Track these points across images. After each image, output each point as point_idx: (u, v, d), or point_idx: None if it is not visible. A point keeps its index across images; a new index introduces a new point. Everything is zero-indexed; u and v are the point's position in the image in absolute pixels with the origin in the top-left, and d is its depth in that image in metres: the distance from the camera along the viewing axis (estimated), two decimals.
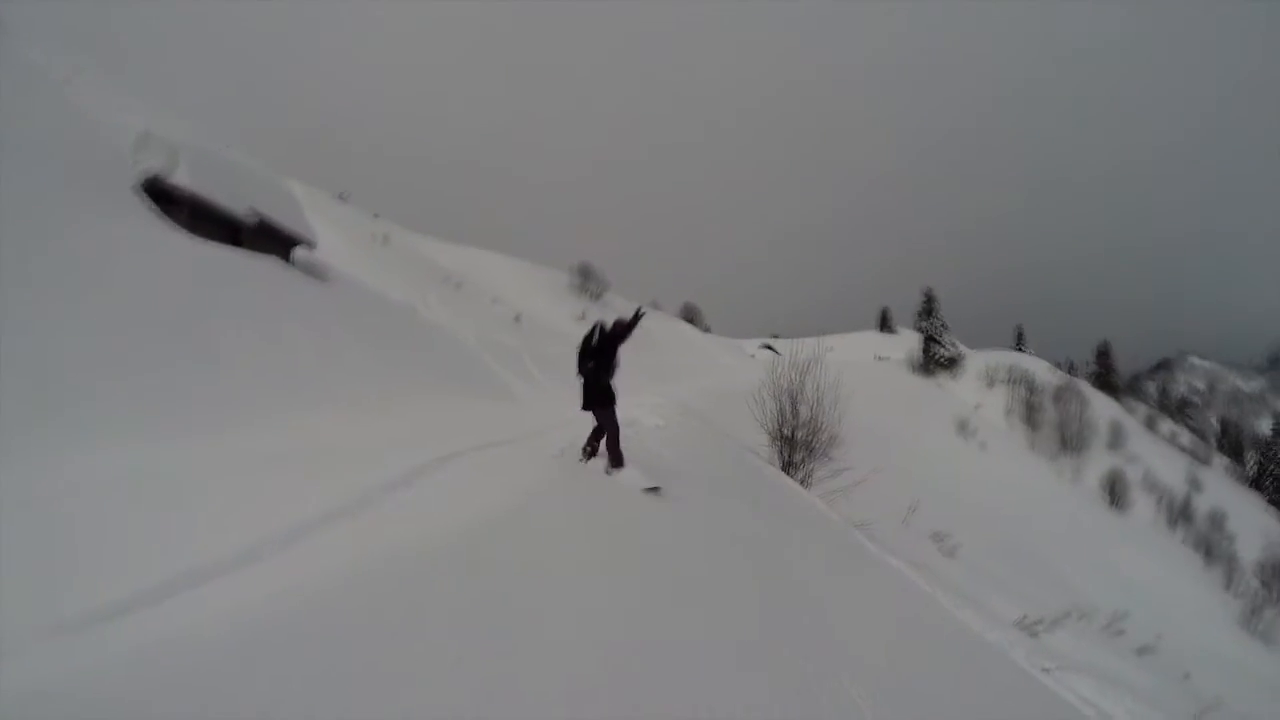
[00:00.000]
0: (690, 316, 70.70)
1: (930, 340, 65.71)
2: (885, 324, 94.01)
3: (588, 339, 8.10)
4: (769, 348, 56.88)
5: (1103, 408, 55.26)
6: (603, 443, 8.16)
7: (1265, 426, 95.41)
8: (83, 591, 3.32)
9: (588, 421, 8.42)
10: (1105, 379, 78.16)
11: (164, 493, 5.25)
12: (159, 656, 2.72)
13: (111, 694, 2.44)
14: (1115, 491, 38.77)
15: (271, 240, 14.48)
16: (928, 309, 68.68)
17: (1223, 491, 50.66)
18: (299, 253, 15.64)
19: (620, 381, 8.27)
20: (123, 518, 4.63)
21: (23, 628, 2.89)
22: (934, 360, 63.43)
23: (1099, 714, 9.33)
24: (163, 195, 12.06)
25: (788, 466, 14.82)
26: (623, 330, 8.18)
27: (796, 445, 14.96)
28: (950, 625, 9.90)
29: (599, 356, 8.06)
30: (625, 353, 8.30)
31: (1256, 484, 63.30)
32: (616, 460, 7.90)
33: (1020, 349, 79.45)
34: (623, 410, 8.33)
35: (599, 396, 8.02)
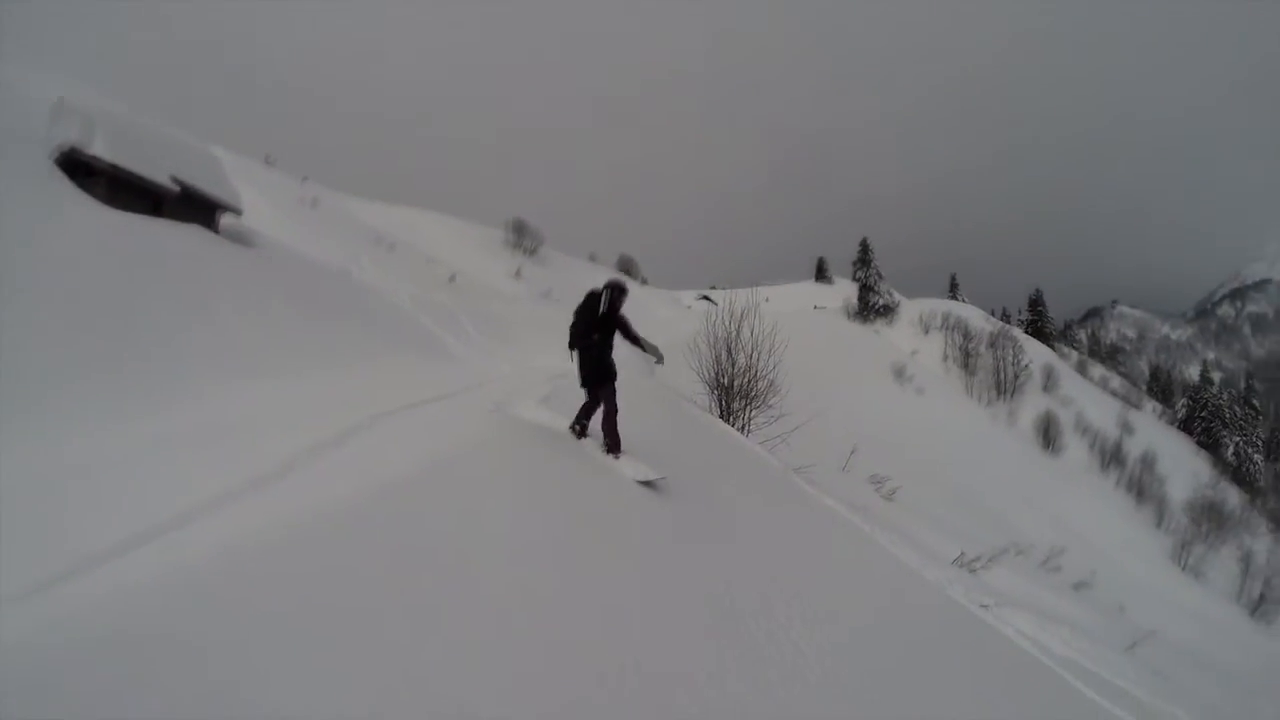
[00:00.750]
0: (627, 269, 70.23)
1: (866, 289, 66.65)
2: (821, 274, 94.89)
3: (591, 308, 7.47)
4: (706, 299, 56.94)
5: (1036, 353, 56.63)
6: (594, 422, 7.64)
7: (1194, 373, 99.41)
8: (19, 567, 3.44)
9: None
10: (1038, 326, 79.82)
11: (91, 473, 5.25)
12: (85, 622, 2.76)
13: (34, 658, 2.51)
14: (1049, 434, 39.97)
15: (195, 208, 14.14)
16: (864, 259, 69.55)
17: (1153, 434, 52.56)
18: (225, 220, 15.18)
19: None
20: (46, 502, 4.69)
21: None
22: (870, 308, 64.36)
23: (1036, 647, 9.49)
24: (80, 167, 11.80)
25: (726, 414, 14.86)
26: (625, 329, 7.69)
27: (734, 393, 14.98)
28: (889, 564, 10.06)
29: (605, 330, 7.51)
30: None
31: (1185, 427, 65.78)
32: (614, 444, 7.33)
33: (955, 297, 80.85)
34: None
35: (603, 372, 7.46)
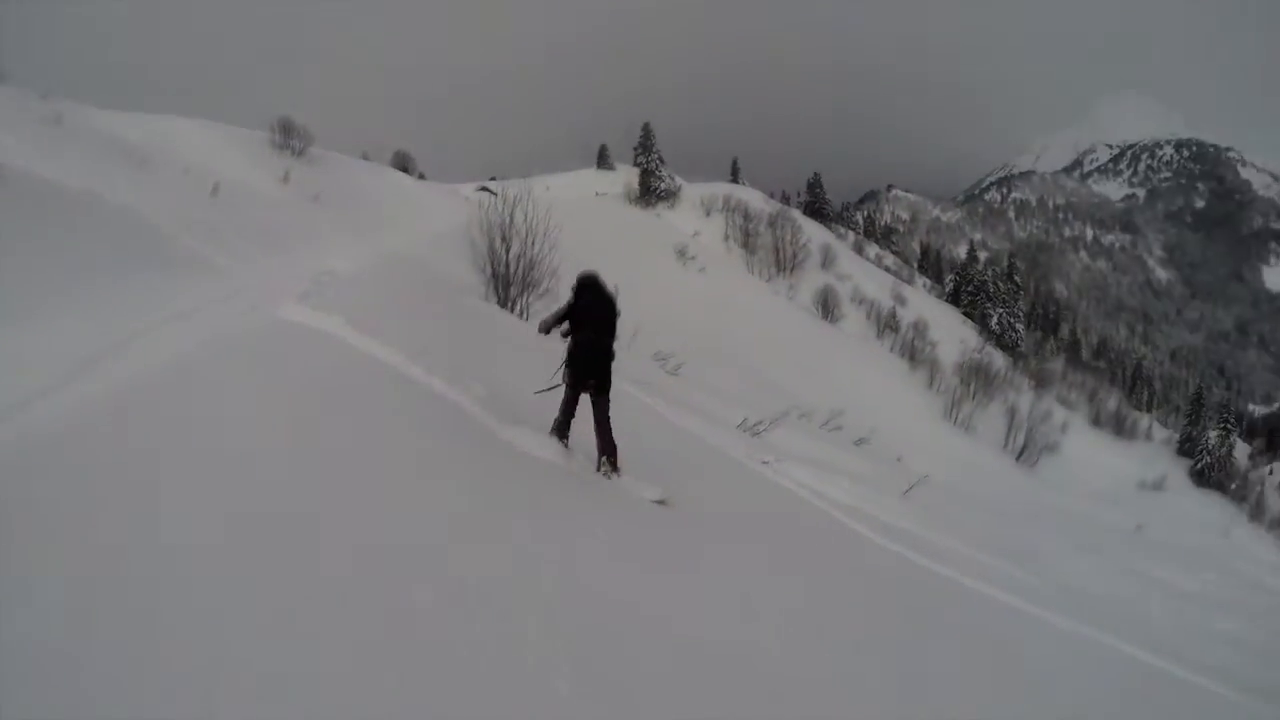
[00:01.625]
0: (403, 165, 67.07)
1: (648, 174, 66.79)
2: (603, 160, 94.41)
3: (604, 297, 6.48)
4: (485, 189, 55.26)
5: (815, 233, 59.13)
6: (571, 431, 6.59)
7: (962, 252, 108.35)
8: None
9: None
10: (816, 208, 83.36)
11: None
12: None
13: None
14: (827, 306, 41.90)
15: None
16: (645, 144, 69.52)
17: (924, 306, 56.68)
18: None
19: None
20: None
21: None
22: (652, 193, 64.65)
23: (815, 495, 9.90)
24: None
25: (504, 301, 15.49)
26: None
27: (510, 280, 15.63)
28: (667, 429, 10.40)
29: (613, 330, 6.54)
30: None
31: (954, 300, 71.32)
32: (615, 460, 6.43)
33: (736, 182, 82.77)
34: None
35: (608, 378, 6.46)
